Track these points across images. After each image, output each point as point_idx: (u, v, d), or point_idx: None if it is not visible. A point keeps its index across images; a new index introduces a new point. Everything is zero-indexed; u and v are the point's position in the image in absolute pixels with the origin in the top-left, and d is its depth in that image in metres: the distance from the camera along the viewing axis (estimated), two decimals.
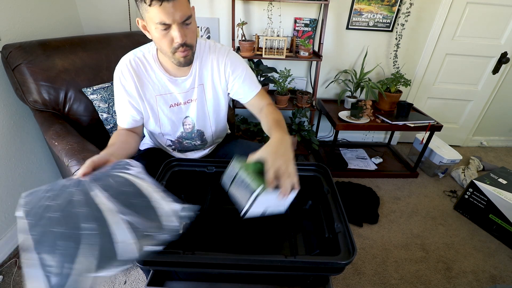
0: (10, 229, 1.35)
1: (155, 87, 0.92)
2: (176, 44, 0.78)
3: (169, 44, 0.78)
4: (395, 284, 1.30)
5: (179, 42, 0.77)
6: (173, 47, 0.79)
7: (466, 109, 2.37)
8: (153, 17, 0.72)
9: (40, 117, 1.26)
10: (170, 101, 0.96)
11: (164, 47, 0.79)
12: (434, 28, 2.00)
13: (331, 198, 0.84)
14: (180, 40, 0.76)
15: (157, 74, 0.91)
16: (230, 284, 0.76)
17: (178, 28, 0.75)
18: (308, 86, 2.19)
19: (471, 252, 1.49)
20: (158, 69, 0.91)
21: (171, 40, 0.77)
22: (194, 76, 0.94)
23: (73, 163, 1.03)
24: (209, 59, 0.95)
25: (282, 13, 1.91)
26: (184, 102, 0.97)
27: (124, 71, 0.89)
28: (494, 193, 1.55)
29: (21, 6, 1.37)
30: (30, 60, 1.22)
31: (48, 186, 0.57)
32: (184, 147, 1.09)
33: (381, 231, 1.58)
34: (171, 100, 0.96)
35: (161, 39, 0.77)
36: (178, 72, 0.93)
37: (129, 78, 0.89)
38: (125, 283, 1.23)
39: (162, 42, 0.78)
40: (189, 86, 0.95)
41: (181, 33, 0.76)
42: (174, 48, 0.79)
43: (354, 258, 0.63)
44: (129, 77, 0.89)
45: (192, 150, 1.12)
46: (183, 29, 0.77)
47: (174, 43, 0.78)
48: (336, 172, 2.01)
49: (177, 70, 0.93)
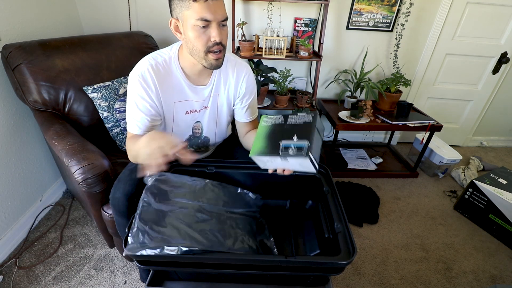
0: (10, 229, 1.35)
1: (175, 93, 0.92)
2: (211, 43, 0.79)
3: (205, 42, 0.79)
4: (395, 284, 1.29)
5: (217, 40, 0.78)
6: (208, 45, 0.79)
7: (466, 109, 2.37)
8: (194, 13, 0.74)
9: (40, 117, 1.26)
10: (187, 107, 0.96)
11: (199, 46, 0.80)
12: (434, 28, 2.00)
13: (331, 198, 0.84)
14: (218, 39, 0.78)
15: (178, 81, 0.91)
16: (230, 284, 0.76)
17: (217, 26, 0.77)
18: (308, 86, 2.19)
19: (471, 252, 1.49)
20: (180, 75, 0.90)
21: (207, 38, 0.78)
22: (212, 85, 0.96)
23: (73, 163, 1.03)
24: (229, 72, 0.97)
25: (282, 13, 1.91)
26: (199, 110, 0.99)
27: (146, 74, 0.85)
28: (494, 193, 1.55)
29: (21, 6, 1.37)
30: (30, 60, 1.22)
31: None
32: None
33: (381, 231, 1.58)
34: (188, 107, 0.96)
35: (197, 37, 0.78)
36: (199, 80, 0.93)
37: (151, 82, 0.86)
38: (125, 283, 1.23)
39: (197, 40, 0.78)
40: (207, 95, 0.97)
41: (219, 31, 0.78)
42: (208, 47, 0.79)
43: (354, 258, 0.63)
44: (151, 82, 0.86)
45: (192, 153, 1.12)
46: (221, 28, 0.79)
47: (209, 42, 0.79)
48: (336, 172, 2.01)
49: (198, 78, 0.93)
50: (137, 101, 0.87)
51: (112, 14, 1.87)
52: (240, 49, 1.86)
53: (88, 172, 1.02)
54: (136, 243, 0.64)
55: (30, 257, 1.32)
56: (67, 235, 1.45)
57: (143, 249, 0.63)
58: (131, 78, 0.87)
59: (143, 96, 0.86)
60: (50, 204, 1.62)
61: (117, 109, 1.37)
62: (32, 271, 1.26)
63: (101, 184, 1.06)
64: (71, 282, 1.22)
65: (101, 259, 1.33)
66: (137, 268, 1.29)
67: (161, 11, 1.88)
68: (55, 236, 1.44)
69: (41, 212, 1.55)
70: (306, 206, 0.99)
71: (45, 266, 1.29)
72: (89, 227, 1.50)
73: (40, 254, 1.34)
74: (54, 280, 1.23)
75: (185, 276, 0.76)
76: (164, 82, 0.88)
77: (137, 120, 0.88)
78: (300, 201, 1.00)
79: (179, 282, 0.76)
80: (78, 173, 1.01)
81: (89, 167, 1.02)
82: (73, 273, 1.26)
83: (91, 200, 1.09)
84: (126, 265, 1.31)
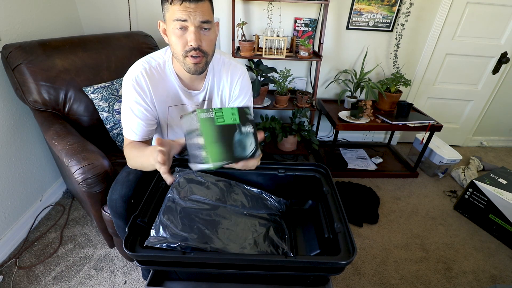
0: (10, 229, 1.35)
1: (169, 98, 0.91)
2: (188, 47, 0.76)
3: (182, 46, 0.77)
4: (395, 284, 1.29)
5: (193, 45, 0.75)
6: (185, 50, 0.77)
7: (466, 109, 2.37)
8: (172, 14, 0.73)
9: (40, 117, 1.26)
10: (181, 112, 0.96)
11: (177, 50, 0.78)
12: (434, 28, 2.00)
13: (331, 198, 0.84)
14: (194, 44, 0.75)
15: (172, 85, 0.90)
16: (230, 284, 0.76)
17: (194, 31, 0.74)
18: (308, 86, 2.19)
19: (471, 252, 1.49)
20: (174, 80, 0.89)
21: (185, 42, 0.76)
22: (206, 90, 0.95)
23: (73, 163, 1.03)
24: (223, 75, 0.95)
25: (282, 13, 1.91)
26: None
27: (140, 78, 0.84)
28: (494, 193, 1.55)
29: (21, 6, 1.37)
30: (30, 60, 1.22)
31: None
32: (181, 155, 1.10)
33: (381, 231, 1.58)
34: (183, 112, 0.96)
35: (176, 40, 0.76)
36: (193, 85, 0.92)
37: (145, 86, 0.85)
38: (125, 283, 1.23)
39: (176, 44, 0.77)
40: (201, 100, 0.96)
41: (196, 36, 0.75)
42: (186, 51, 0.77)
43: (354, 258, 0.63)
44: (145, 86, 0.85)
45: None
46: (200, 33, 0.76)
47: (187, 46, 0.76)
48: (336, 172, 2.01)
49: (192, 82, 0.92)
50: (132, 107, 0.86)
51: (112, 14, 1.87)
52: (240, 49, 1.86)
53: (88, 172, 1.02)
54: (157, 237, 0.67)
55: (30, 257, 1.32)
56: (67, 235, 1.45)
57: (163, 243, 0.65)
58: (125, 83, 0.85)
59: (138, 101, 0.85)
60: (50, 204, 1.62)
61: (116, 110, 1.37)
62: (32, 271, 1.26)
63: (101, 184, 1.06)
64: (71, 282, 1.22)
65: (101, 259, 1.33)
66: (137, 268, 1.29)
67: (161, 11, 1.87)
68: (55, 236, 1.44)
69: (41, 212, 1.55)
70: (306, 206, 0.99)
71: (45, 266, 1.29)
72: (89, 227, 1.50)
73: (40, 254, 1.34)
74: (54, 280, 1.23)
75: (185, 276, 0.76)
76: (158, 86, 0.87)
77: (133, 126, 0.87)
78: (300, 201, 1.00)
79: (179, 282, 0.76)
80: (78, 173, 1.01)
81: (89, 167, 1.02)
82: (73, 273, 1.26)
83: (91, 200, 1.09)
84: (126, 265, 1.31)
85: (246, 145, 0.68)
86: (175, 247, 0.65)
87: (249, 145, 0.69)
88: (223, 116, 0.66)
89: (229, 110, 0.67)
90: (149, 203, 0.78)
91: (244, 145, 0.68)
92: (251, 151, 0.69)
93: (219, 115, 0.65)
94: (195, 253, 0.64)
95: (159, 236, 0.67)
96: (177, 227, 0.70)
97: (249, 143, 0.69)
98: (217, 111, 0.65)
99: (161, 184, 0.86)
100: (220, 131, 0.65)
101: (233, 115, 0.67)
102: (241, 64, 1.00)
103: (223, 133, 0.65)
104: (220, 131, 0.65)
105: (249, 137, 0.69)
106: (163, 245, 0.65)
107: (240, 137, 0.68)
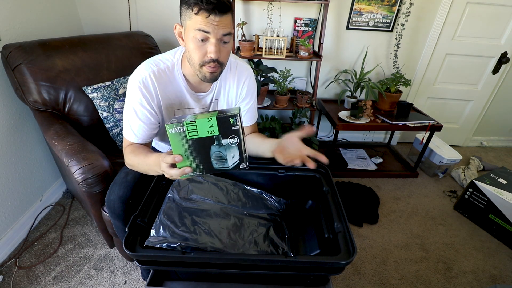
0: (10, 229, 1.35)
1: (176, 100, 0.90)
2: (208, 58, 0.76)
3: (201, 56, 0.76)
4: (395, 284, 1.29)
5: (213, 57, 0.75)
6: (204, 60, 0.77)
7: (466, 109, 2.37)
8: (194, 24, 0.71)
9: (40, 117, 1.26)
10: (188, 114, 0.95)
11: (195, 59, 0.77)
12: (434, 28, 2.00)
13: (331, 198, 0.84)
14: (214, 56, 0.75)
15: (180, 88, 0.89)
16: (230, 284, 0.76)
17: (215, 43, 0.74)
18: (308, 86, 2.19)
19: (471, 252, 1.49)
20: (182, 83, 0.89)
21: (204, 53, 0.76)
22: (214, 92, 0.95)
23: (73, 163, 1.03)
24: (229, 76, 0.95)
25: (282, 13, 1.91)
26: None
27: (147, 81, 0.83)
28: (494, 193, 1.55)
29: (21, 6, 1.37)
30: (30, 60, 1.22)
31: None
32: None
33: (381, 231, 1.58)
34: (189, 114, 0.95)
35: (195, 49, 0.75)
36: (201, 88, 0.92)
37: (152, 89, 0.84)
38: (125, 283, 1.23)
39: (195, 52, 0.76)
40: (209, 102, 0.96)
41: (217, 48, 0.75)
42: (204, 61, 0.77)
43: (354, 258, 0.63)
44: (152, 89, 0.84)
45: None
46: (220, 45, 0.76)
47: (206, 57, 0.76)
48: (336, 172, 2.01)
49: (200, 85, 0.91)
50: (136, 109, 0.84)
51: (112, 14, 1.87)
52: (240, 49, 1.86)
53: (88, 172, 1.02)
54: (158, 236, 0.67)
55: (30, 257, 1.32)
56: (67, 235, 1.45)
57: (163, 243, 0.65)
58: (131, 84, 0.84)
59: (143, 103, 0.84)
60: (50, 204, 1.62)
61: (116, 109, 1.37)
62: (32, 271, 1.26)
63: (101, 184, 1.06)
64: (71, 282, 1.22)
65: (101, 259, 1.33)
66: (137, 268, 1.29)
67: (161, 11, 1.88)
68: (55, 236, 1.44)
69: (41, 212, 1.55)
70: (306, 206, 0.99)
71: (45, 266, 1.29)
72: (89, 227, 1.50)
73: (40, 254, 1.34)
74: (54, 280, 1.23)
75: (185, 276, 0.76)
76: (166, 89, 0.87)
77: (135, 128, 0.86)
78: (300, 201, 1.00)
79: (179, 282, 0.76)
80: (78, 173, 1.01)
81: (89, 167, 1.02)
82: (73, 273, 1.26)
83: (91, 200, 1.09)
84: (126, 265, 1.31)
85: (227, 157, 0.65)
86: (175, 247, 0.65)
87: (231, 157, 0.65)
88: (196, 129, 0.62)
89: (205, 122, 0.61)
90: (149, 203, 0.78)
91: (223, 157, 0.65)
92: (233, 163, 0.66)
93: (192, 129, 0.61)
94: (195, 253, 0.64)
95: (159, 236, 0.67)
96: (177, 227, 0.70)
97: (230, 155, 0.65)
98: (189, 124, 0.61)
99: (161, 184, 0.86)
100: (192, 145, 0.63)
101: (210, 127, 0.62)
102: (247, 64, 0.99)
103: (196, 146, 0.63)
104: (193, 145, 0.63)
105: (231, 149, 0.64)
106: (163, 245, 0.65)
107: (218, 149, 0.64)
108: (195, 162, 0.64)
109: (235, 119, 0.61)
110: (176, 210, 0.75)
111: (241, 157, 0.65)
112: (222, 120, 0.61)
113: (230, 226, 0.78)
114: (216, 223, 0.77)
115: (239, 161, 0.66)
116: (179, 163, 0.64)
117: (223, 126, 0.62)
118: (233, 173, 0.94)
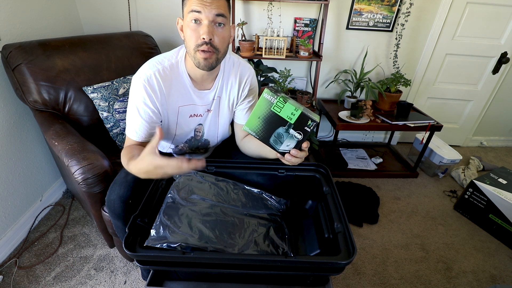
0: (10, 229, 1.35)
1: (180, 97, 0.91)
2: (200, 41, 0.76)
3: (195, 40, 0.77)
4: (395, 284, 1.29)
5: (205, 38, 0.76)
6: (197, 43, 0.77)
7: (466, 109, 2.37)
8: (189, 7, 0.75)
9: (40, 117, 1.26)
10: (191, 111, 0.96)
11: (190, 44, 0.78)
12: (434, 28, 2.00)
13: (331, 198, 0.84)
14: (206, 36, 0.75)
15: (184, 85, 0.90)
16: (230, 284, 0.76)
17: (207, 24, 0.75)
18: (308, 86, 2.19)
19: (471, 252, 1.49)
20: (186, 80, 0.89)
21: (198, 36, 0.77)
22: (216, 89, 0.95)
23: (73, 163, 1.03)
24: (232, 74, 0.96)
25: (282, 13, 1.91)
26: (203, 113, 0.99)
27: (152, 80, 0.84)
28: (494, 193, 1.55)
29: (21, 6, 1.37)
30: (30, 60, 1.22)
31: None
32: (182, 152, 1.10)
33: (381, 231, 1.58)
34: (193, 111, 0.96)
35: (190, 33, 0.77)
36: (203, 85, 0.93)
37: (157, 88, 0.85)
38: (125, 283, 1.23)
39: (190, 37, 0.78)
40: (211, 99, 0.97)
41: (209, 29, 0.75)
42: (197, 45, 0.77)
43: (354, 258, 0.63)
44: (157, 87, 0.84)
45: (191, 153, 1.13)
46: (213, 27, 0.77)
47: (199, 40, 0.77)
48: (336, 172, 2.01)
49: (203, 82, 0.92)
50: (139, 107, 0.85)
51: (112, 14, 1.87)
52: (240, 49, 1.86)
53: (88, 172, 1.02)
54: (158, 237, 0.67)
55: (30, 257, 1.32)
56: (67, 235, 1.45)
57: (163, 243, 0.65)
58: (135, 82, 0.84)
59: (146, 102, 0.85)
60: (50, 204, 1.62)
61: (116, 109, 1.37)
62: (32, 271, 1.26)
63: (101, 184, 1.06)
64: (71, 282, 1.22)
65: (101, 259, 1.33)
66: (137, 268, 1.29)
67: (161, 11, 1.88)
68: (55, 236, 1.44)
69: (41, 212, 1.55)
70: (306, 206, 0.99)
71: (45, 266, 1.29)
72: (89, 227, 1.50)
73: (40, 254, 1.34)
74: (54, 280, 1.23)
75: (185, 276, 0.76)
76: (171, 87, 0.88)
77: (137, 126, 0.87)
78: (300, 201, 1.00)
79: (179, 282, 0.76)
80: (78, 173, 1.01)
81: (89, 167, 1.02)
82: (73, 273, 1.26)
83: (91, 200, 1.09)
84: (126, 265, 1.31)
85: (283, 142, 0.72)
86: (175, 247, 0.65)
87: (286, 145, 0.72)
88: (282, 108, 0.69)
89: (292, 108, 0.69)
90: (149, 203, 0.78)
91: (281, 140, 0.72)
92: (284, 150, 0.73)
93: (279, 105, 0.69)
94: (195, 253, 0.64)
95: (159, 236, 0.67)
96: (177, 227, 0.70)
97: (287, 143, 0.72)
98: (280, 101, 0.69)
99: (161, 184, 0.86)
100: (269, 116, 0.70)
101: (292, 114, 0.69)
102: (249, 64, 1.00)
103: (271, 119, 0.70)
104: (269, 116, 0.70)
105: (291, 140, 0.71)
106: (163, 245, 0.65)
107: (282, 132, 0.71)
108: (260, 126, 0.72)
109: (312, 124, 0.69)
110: (176, 210, 0.75)
111: (291, 148, 0.73)
112: (303, 117, 0.69)
113: (230, 226, 0.78)
114: (216, 223, 0.77)
115: (288, 151, 0.74)
116: (250, 117, 0.71)
117: (300, 121, 0.69)
118: (233, 173, 0.94)
